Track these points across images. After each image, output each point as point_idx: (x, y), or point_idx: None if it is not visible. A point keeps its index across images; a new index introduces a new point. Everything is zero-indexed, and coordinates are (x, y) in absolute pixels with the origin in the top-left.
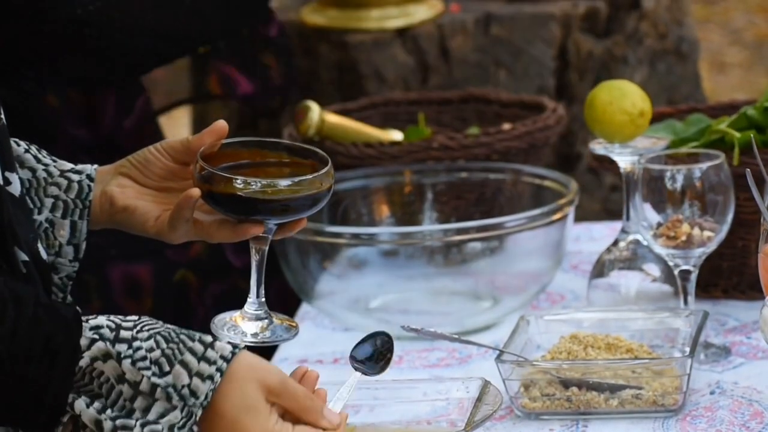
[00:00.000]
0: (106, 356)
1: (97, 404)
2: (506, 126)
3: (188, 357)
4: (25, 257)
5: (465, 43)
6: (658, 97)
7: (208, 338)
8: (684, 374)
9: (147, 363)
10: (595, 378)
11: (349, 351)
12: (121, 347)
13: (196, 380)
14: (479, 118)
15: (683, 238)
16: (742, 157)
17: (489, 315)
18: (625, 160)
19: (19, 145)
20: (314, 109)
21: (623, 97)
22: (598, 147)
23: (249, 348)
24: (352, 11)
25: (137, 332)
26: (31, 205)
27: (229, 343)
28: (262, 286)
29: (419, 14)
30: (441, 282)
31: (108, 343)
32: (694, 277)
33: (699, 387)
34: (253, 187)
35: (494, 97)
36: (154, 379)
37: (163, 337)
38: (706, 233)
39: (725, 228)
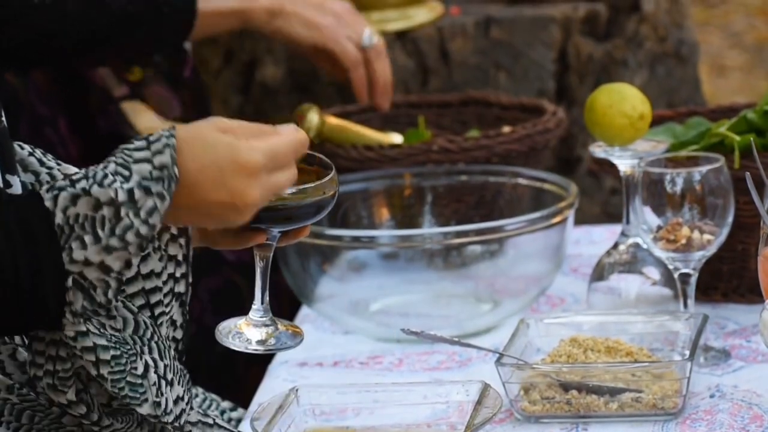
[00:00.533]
0: (74, 198)
1: (89, 239)
2: (506, 129)
3: (138, 154)
4: None
5: (465, 45)
6: (658, 100)
7: (144, 137)
8: (684, 377)
9: (110, 178)
10: (595, 381)
11: (349, 354)
12: (82, 183)
13: (156, 158)
14: (479, 120)
15: (683, 241)
16: (742, 161)
17: (489, 318)
18: (624, 164)
19: (23, 148)
20: (314, 112)
21: (623, 100)
22: (598, 150)
23: (252, 355)
24: None
25: (86, 170)
26: None
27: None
28: (267, 293)
29: (419, 17)
30: (441, 285)
31: (69, 189)
32: (693, 280)
33: (699, 390)
34: None
35: (494, 100)
36: (125, 185)
37: (111, 157)
38: (706, 236)
39: (725, 231)
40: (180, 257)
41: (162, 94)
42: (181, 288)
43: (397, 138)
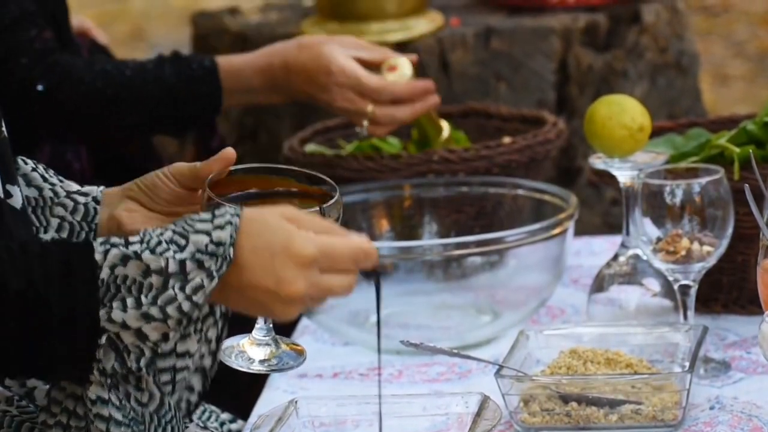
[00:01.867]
0: (124, 259)
1: (130, 302)
2: (506, 140)
3: (200, 225)
4: None
5: (465, 56)
6: (658, 110)
7: (211, 210)
8: (683, 389)
9: (164, 246)
10: (595, 393)
11: (348, 366)
12: (135, 246)
13: (216, 233)
14: (479, 131)
15: (683, 252)
16: (742, 172)
17: (489, 329)
18: (624, 175)
19: (26, 163)
20: (407, 64)
21: (623, 112)
22: (598, 162)
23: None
24: (353, 25)
25: (143, 233)
26: (37, 224)
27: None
28: None
29: (419, 28)
30: (441, 296)
31: (122, 247)
32: (693, 291)
33: (698, 402)
34: None
35: (494, 110)
36: (178, 256)
37: (171, 225)
38: (706, 248)
39: (725, 243)
40: (214, 338)
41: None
42: (206, 363)
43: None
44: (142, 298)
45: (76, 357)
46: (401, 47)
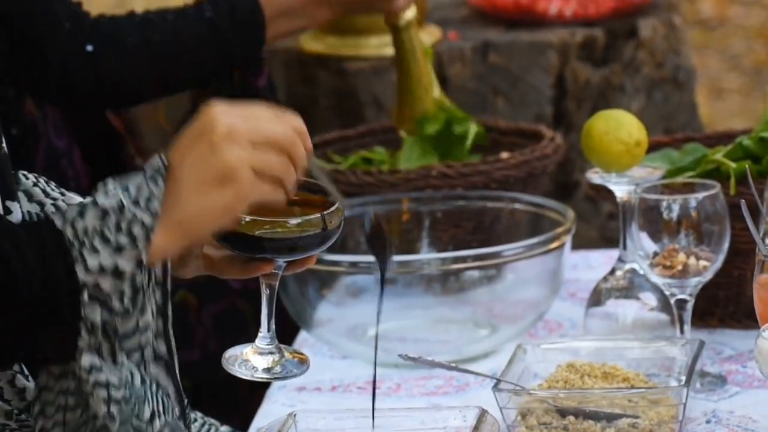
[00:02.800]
0: (81, 210)
1: (98, 242)
2: (504, 155)
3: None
4: None
5: (463, 70)
6: (655, 125)
7: None
8: (680, 403)
9: (112, 189)
10: (592, 407)
11: (347, 379)
12: (90, 198)
13: (148, 167)
14: (478, 145)
15: (679, 267)
16: (738, 187)
17: (487, 343)
18: (621, 190)
19: (27, 178)
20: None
21: (620, 127)
22: (595, 176)
23: (253, 381)
24: (351, 38)
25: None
26: None
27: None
28: (273, 320)
29: None
30: (439, 310)
31: (77, 205)
32: (690, 306)
33: (695, 416)
34: (263, 226)
35: (492, 124)
36: (126, 193)
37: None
38: (702, 263)
39: (721, 257)
40: (160, 301)
41: None
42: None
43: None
44: (107, 234)
45: (62, 319)
46: None
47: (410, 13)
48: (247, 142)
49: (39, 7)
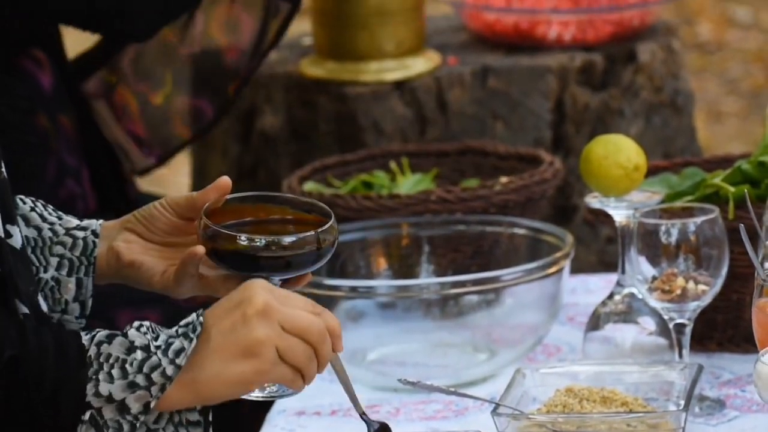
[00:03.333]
0: (110, 336)
1: (116, 372)
2: (503, 179)
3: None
4: (25, 310)
5: (462, 95)
6: (653, 149)
7: None
8: (679, 428)
9: (145, 329)
10: (591, 431)
11: (347, 403)
12: (124, 330)
13: (182, 323)
14: (477, 170)
15: (678, 291)
16: (737, 211)
17: (486, 367)
18: (620, 214)
19: (24, 203)
20: None
21: (618, 151)
22: (594, 201)
23: (255, 402)
24: (351, 64)
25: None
26: (37, 263)
27: None
28: None
29: (417, 67)
30: (438, 334)
31: (107, 331)
32: (689, 330)
33: None
34: (257, 244)
35: (491, 149)
36: (155, 341)
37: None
38: (701, 287)
39: (720, 282)
40: None
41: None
42: None
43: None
44: (127, 368)
45: (60, 427)
46: (399, 86)
47: None
48: (278, 323)
49: None
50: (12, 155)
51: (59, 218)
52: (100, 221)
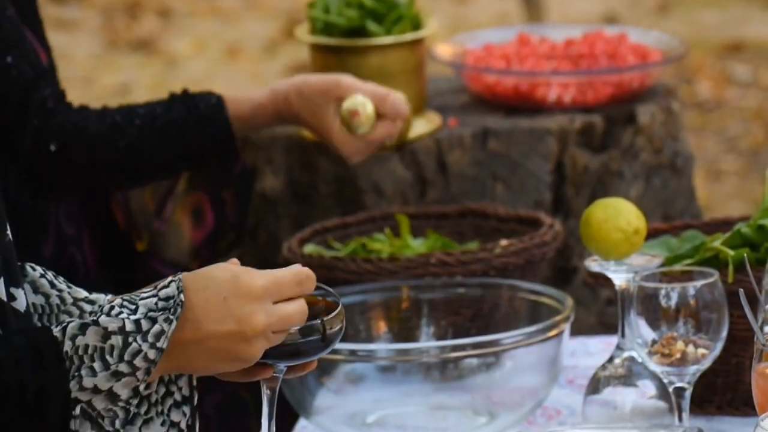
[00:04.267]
0: (82, 327)
1: (98, 365)
2: (503, 242)
3: (145, 293)
4: None
5: (462, 157)
6: (653, 211)
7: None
8: None
9: (117, 309)
10: None
11: None
12: (89, 315)
13: (162, 291)
14: (477, 232)
15: (678, 355)
16: (737, 275)
17: (486, 430)
18: (620, 278)
19: (34, 269)
20: (369, 104)
21: (618, 215)
22: (594, 264)
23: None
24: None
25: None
26: None
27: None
28: (274, 421)
29: (417, 129)
30: (438, 397)
31: (77, 319)
32: (688, 394)
33: None
34: None
35: (492, 211)
36: (132, 317)
37: (119, 297)
38: (701, 350)
39: (719, 345)
40: (183, 426)
41: (198, 205)
42: None
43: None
44: (108, 358)
45: (52, 426)
46: (399, 148)
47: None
48: (271, 301)
49: (12, 100)
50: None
51: (68, 287)
52: (109, 296)
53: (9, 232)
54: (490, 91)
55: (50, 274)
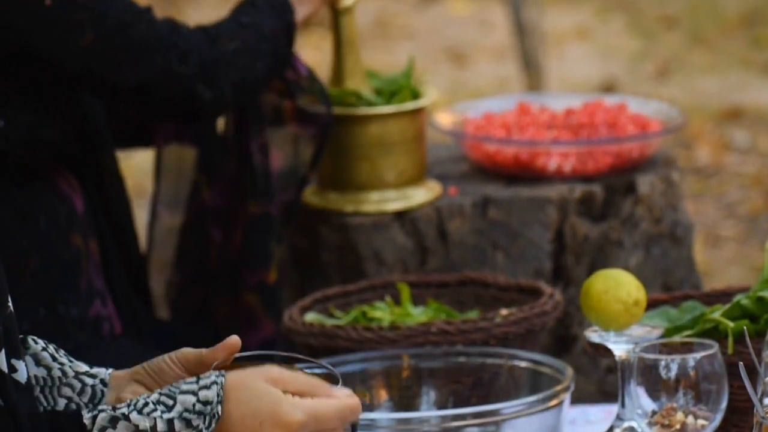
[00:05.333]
0: (113, 420)
1: None
2: (504, 311)
3: (185, 386)
4: None
5: (463, 225)
6: (653, 280)
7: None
8: None
9: (152, 407)
10: None
11: None
12: (122, 408)
13: (202, 392)
14: (477, 301)
15: (678, 426)
16: (736, 346)
17: None
18: (620, 349)
19: (37, 343)
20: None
21: (618, 286)
22: (594, 335)
23: None
24: (352, 194)
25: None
26: (45, 403)
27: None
28: None
29: (418, 197)
30: None
31: (109, 411)
32: None
33: None
34: None
35: (492, 281)
36: (166, 415)
37: (156, 392)
38: (700, 421)
39: (719, 416)
40: None
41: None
42: None
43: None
44: None
45: None
46: (400, 216)
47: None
48: None
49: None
50: (48, 272)
51: (70, 361)
52: (110, 370)
53: (11, 304)
54: (491, 160)
55: (52, 348)
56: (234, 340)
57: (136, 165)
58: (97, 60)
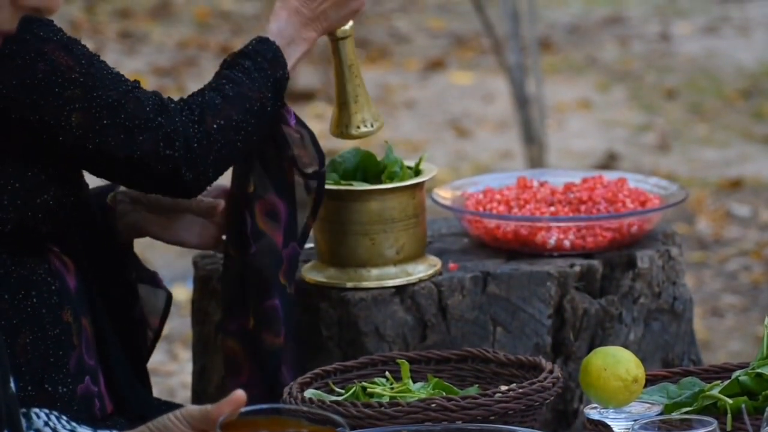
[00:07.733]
0: None
1: None
2: (504, 388)
3: None
4: None
5: (462, 301)
6: (653, 354)
7: None
8: None
9: None
10: None
11: None
12: None
13: None
14: (477, 376)
15: None
16: (735, 423)
17: None
18: (619, 426)
19: (39, 416)
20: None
21: (617, 363)
22: (593, 412)
23: None
24: (352, 270)
25: None
26: None
27: None
28: None
29: (418, 272)
30: None
31: None
32: None
33: None
34: None
35: (492, 357)
36: None
37: None
38: None
39: None
40: None
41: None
42: None
43: None
44: None
45: None
46: (400, 291)
47: (349, 26)
48: None
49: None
50: (36, 348)
51: (72, 429)
52: None
53: (12, 385)
54: (491, 235)
55: (54, 418)
56: (239, 394)
57: None
58: (86, 137)
